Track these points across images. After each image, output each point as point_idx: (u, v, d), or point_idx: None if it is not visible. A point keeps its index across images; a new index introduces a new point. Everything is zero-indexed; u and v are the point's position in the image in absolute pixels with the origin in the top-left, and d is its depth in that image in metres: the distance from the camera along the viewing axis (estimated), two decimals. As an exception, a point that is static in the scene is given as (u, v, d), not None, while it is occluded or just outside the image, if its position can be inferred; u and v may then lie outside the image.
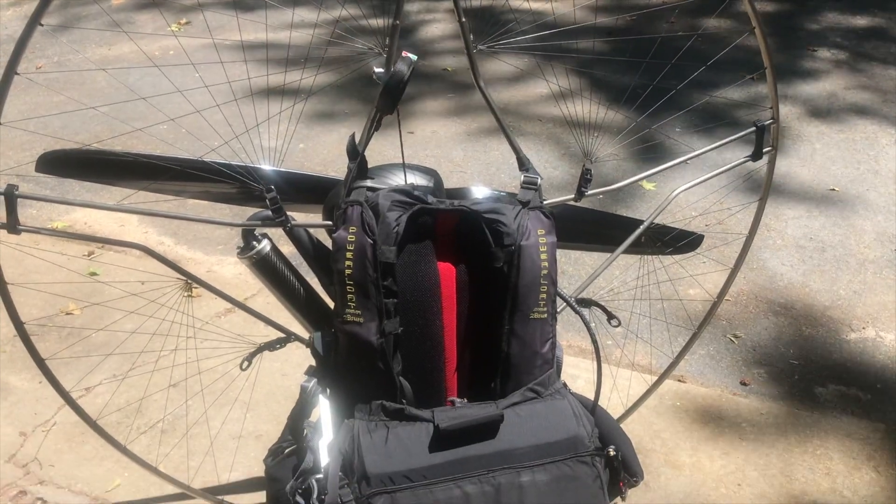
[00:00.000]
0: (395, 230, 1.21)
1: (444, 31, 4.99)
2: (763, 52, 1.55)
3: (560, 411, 1.26)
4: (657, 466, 2.12)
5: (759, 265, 2.92)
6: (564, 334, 2.54)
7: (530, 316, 1.27)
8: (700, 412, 2.30)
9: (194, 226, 3.18)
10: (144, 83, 4.26)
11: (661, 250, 1.76)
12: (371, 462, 1.16)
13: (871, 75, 4.37)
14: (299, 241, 1.42)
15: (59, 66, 4.64)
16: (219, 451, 2.15)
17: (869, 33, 4.85)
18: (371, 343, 1.24)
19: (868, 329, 2.62)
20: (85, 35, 5.02)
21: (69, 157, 1.53)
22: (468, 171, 3.52)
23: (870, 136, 3.76)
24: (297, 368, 2.42)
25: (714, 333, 2.61)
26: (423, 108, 4.05)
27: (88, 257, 2.96)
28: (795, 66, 4.47)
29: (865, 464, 2.13)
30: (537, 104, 4.08)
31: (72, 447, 2.18)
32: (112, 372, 2.41)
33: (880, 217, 3.18)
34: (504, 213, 1.26)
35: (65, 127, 3.87)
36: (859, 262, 2.94)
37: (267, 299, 2.60)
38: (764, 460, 2.14)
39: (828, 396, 2.37)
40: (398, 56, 1.24)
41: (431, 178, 1.43)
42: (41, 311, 2.65)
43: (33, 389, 2.37)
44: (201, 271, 2.92)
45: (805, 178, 3.45)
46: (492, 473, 1.18)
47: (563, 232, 1.33)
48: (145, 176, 1.54)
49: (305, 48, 1.82)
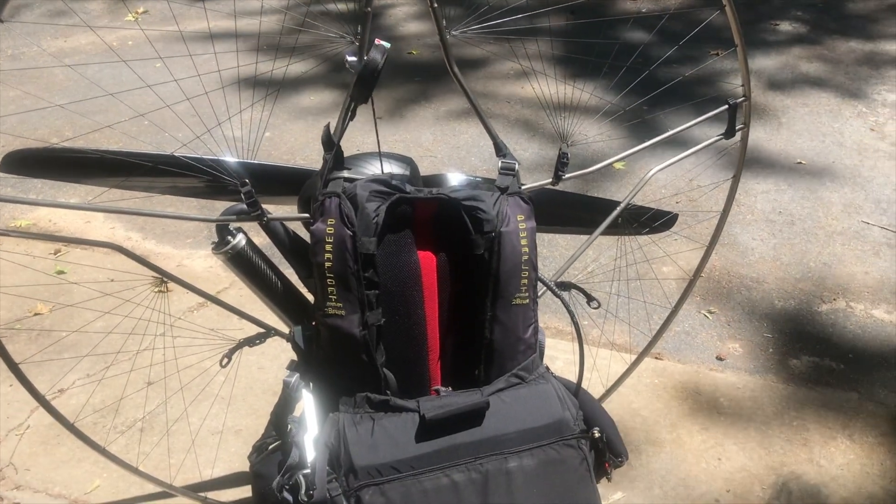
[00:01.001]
0: (374, 221, 1.20)
1: (406, 14, 4.95)
2: (734, 30, 1.56)
3: (544, 396, 1.26)
4: (638, 444, 2.14)
5: (730, 240, 2.95)
6: (542, 316, 2.54)
7: (512, 302, 1.27)
8: (678, 389, 2.32)
9: (162, 221, 3.13)
10: (104, 75, 4.18)
11: (637, 231, 1.76)
12: (358, 455, 1.15)
13: (832, 48, 4.42)
14: (275, 234, 1.40)
15: (13, 59, 4.53)
16: (199, 448, 2.13)
17: (828, 8, 4.90)
18: (354, 335, 1.22)
19: (839, 300, 2.67)
20: (39, 27, 4.90)
21: (35, 157, 1.49)
22: (438, 155, 3.50)
23: (833, 109, 3.81)
24: (273, 361, 2.40)
25: (689, 310, 2.64)
26: (389, 92, 4.02)
27: (55, 255, 2.90)
28: (759, 41, 4.51)
29: (840, 433, 2.17)
30: (504, 86, 4.07)
31: (47, 450, 2.15)
32: (85, 372, 2.36)
33: (846, 189, 3.23)
34: (483, 200, 1.25)
35: (22, 122, 3.78)
36: (828, 234, 2.98)
37: (240, 292, 2.58)
38: (742, 434, 2.17)
39: (802, 368, 2.41)
40: (371, 44, 1.22)
41: (408, 167, 1.42)
42: (9, 312, 2.60)
43: (4, 393, 2.32)
44: (171, 266, 2.88)
45: (772, 152, 3.48)
46: (479, 461, 1.18)
47: (542, 216, 1.32)
48: (113, 173, 1.51)
49: (274, 37, 1.78)
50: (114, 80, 4.09)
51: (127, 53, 4.41)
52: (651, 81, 3.57)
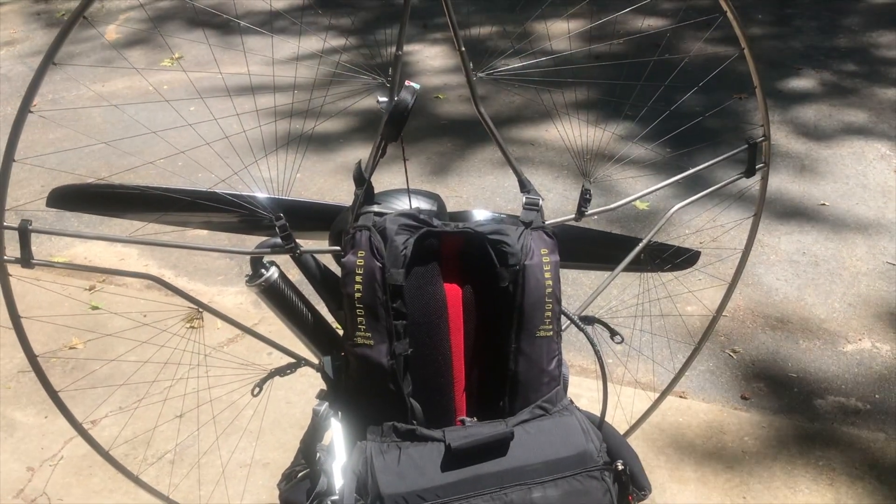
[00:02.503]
0: (402, 253, 1.24)
1: (433, 58, 5.06)
2: (752, 72, 1.60)
3: (568, 427, 1.28)
4: (663, 482, 2.14)
5: (754, 280, 2.96)
6: (566, 353, 2.54)
7: (536, 334, 1.30)
8: (703, 427, 2.32)
9: (194, 257, 3.21)
10: (140, 118, 4.29)
11: (659, 267, 1.79)
12: (385, 482, 1.18)
13: (854, 92, 4.44)
14: (307, 267, 1.45)
15: (53, 103, 4.68)
16: (228, 480, 2.16)
17: (851, 51, 4.94)
18: (382, 365, 1.26)
19: (864, 340, 2.66)
20: (78, 71, 5.07)
21: (80, 192, 1.56)
22: (463, 195, 3.56)
23: (856, 152, 3.83)
24: (300, 396, 2.44)
25: (713, 349, 2.64)
26: (416, 134, 4.10)
27: (90, 291, 2.97)
28: (782, 84, 4.55)
29: (868, 473, 2.16)
30: (529, 129, 4.14)
31: (80, 481, 2.19)
32: (118, 405, 2.42)
33: (871, 230, 3.23)
34: (508, 234, 1.29)
35: (62, 163, 3.90)
36: (852, 274, 2.98)
37: (269, 328, 2.62)
38: (767, 472, 2.16)
39: (827, 408, 2.40)
40: (401, 85, 1.28)
41: (435, 202, 1.46)
42: (44, 346, 2.66)
43: (39, 424, 2.38)
44: (203, 302, 2.93)
45: (795, 194, 3.50)
46: (504, 490, 1.20)
47: (564, 251, 1.36)
48: (152, 208, 1.57)
49: (309, 82, 1.86)
50: (149, 123, 4.21)
51: (165, 97, 4.54)
52: (676, 125, 3.61)
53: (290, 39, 4.46)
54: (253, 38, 4.65)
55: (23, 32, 5.78)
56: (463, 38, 1.34)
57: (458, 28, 1.33)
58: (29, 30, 5.81)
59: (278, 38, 3.93)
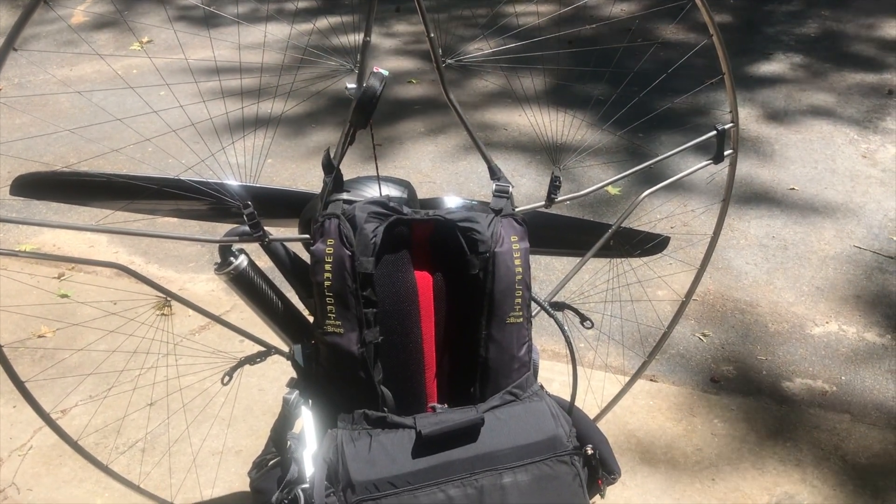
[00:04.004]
0: (372, 241, 1.24)
1: (407, 42, 5.03)
2: (721, 58, 1.61)
3: (538, 413, 1.29)
4: (633, 465, 2.16)
5: (724, 265, 2.99)
6: (538, 338, 2.58)
7: (507, 321, 1.31)
8: (673, 410, 2.35)
9: (164, 244, 3.18)
10: (109, 103, 4.24)
11: (629, 253, 1.80)
12: (356, 470, 1.18)
13: (824, 76, 4.49)
14: (276, 255, 1.44)
15: (20, 87, 4.60)
16: (200, 468, 2.15)
17: (821, 36, 4.99)
18: (352, 353, 1.26)
19: (831, 323, 2.70)
20: (45, 56, 4.98)
21: (44, 180, 1.54)
22: (437, 181, 3.55)
23: (825, 136, 3.87)
24: (273, 383, 2.43)
25: (683, 333, 2.67)
26: (389, 120, 4.08)
27: (58, 279, 2.94)
28: (752, 70, 4.59)
29: (833, 454, 2.20)
30: (501, 114, 4.13)
31: (49, 470, 2.17)
32: (88, 393, 2.39)
33: (839, 214, 3.27)
34: (478, 221, 1.30)
35: (28, 149, 3.84)
36: (820, 258, 3.02)
37: (241, 315, 2.61)
38: (736, 454, 2.20)
39: (795, 390, 2.43)
40: (370, 71, 1.27)
41: (405, 190, 1.46)
42: (12, 334, 2.63)
43: (7, 414, 2.35)
44: (174, 289, 2.91)
45: (765, 179, 3.54)
46: (474, 476, 1.21)
47: (535, 238, 1.37)
48: (119, 196, 1.55)
49: (276, 66, 1.84)
50: (118, 108, 4.16)
51: (132, 82, 4.48)
52: (647, 110, 3.63)
53: (258, 25, 4.41)
54: (222, 23, 4.59)
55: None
56: (432, 23, 1.34)
57: (426, 13, 1.32)
58: (-7, 12, 5.70)
59: (246, 22, 3.88)
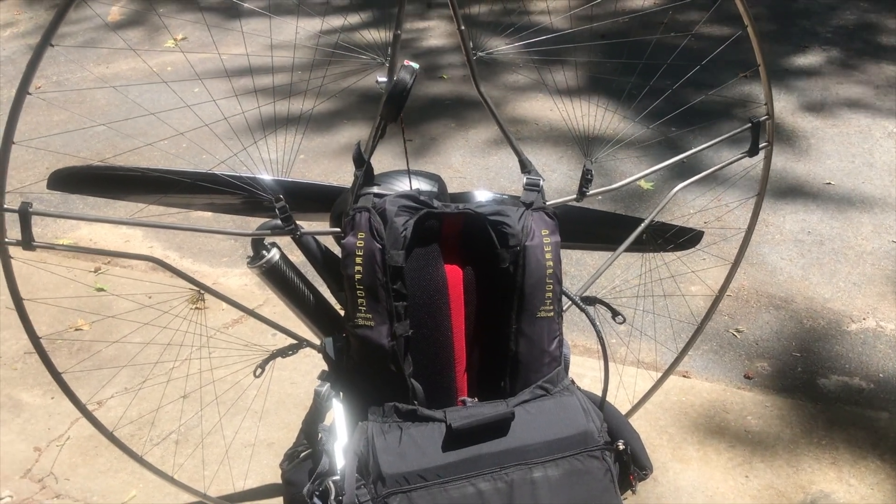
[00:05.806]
0: (402, 234, 1.24)
1: (438, 38, 5.03)
2: (756, 50, 1.59)
3: (569, 407, 1.29)
4: (665, 461, 2.15)
5: (758, 260, 2.95)
6: (569, 334, 2.57)
7: (537, 315, 1.30)
8: (706, 406, 2.32)
9: (198, 239, 3.21)
10: (144, 99, 4.29)
11: (662, 247, 1.79)
12: (386, 462, 1.19)
13: (862, 69, 4.40)
14: (308, 248, 1.45)
15: (58, 85, 4.67)
16: (232, 460, 2.18)
17: (859, 28, 4.89)
18: (382, 346, 1.26)
19: (868, 319, 2.65)
20: (82, 53, 5.06)
21: (81, 174, 1.56)
22: (468, 176, 3.55)
23: (863, 130, 3.80)
24: (305, 376, 2.45)
25: (716, 329, 2.64)
26: (420, 116, 4.09)
27: (95, 273, 2.98)
28: (788, 62, 4.51)
29: (870, 452, 2.16)
30: (533, 108, 4.12)
31: (86, 461, 2.21)
32: (123, 385, 2.43)
33: (877, 209, 3.21)
34: (508, 215, 1.29)
35: (66, 145, 3.90)
36: (857, 254, 2.97)
37: (274, 309, 2.63)
38: (770, 451, 2.17)
39: (831, 387, 2.40)
40: (400, 65, 1.27)
41: (435, 183, 1.46)
42: (50, 327, 2.68)
43: (45, 405, 2.40)
44: (207, 283, 2.94)
45: (801, 173, 3.48)
46: (504, 470, 1.20)
47: (566, 232, 1.36)
48: (153, 190, 1.57)
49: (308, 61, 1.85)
50: (153, 105, 4.20)
51: (166, 78, 4.53)
52: (680, 103, 3.59)
53: (291, 20, 4.44)
54: (255, 20, 4.63)
55: (26, 14, 5.76)
56: (463, 16, 1.33)
57: (457, 7, 1.32)
58: (32, 11, 5.80)
59: (278, 18, 3.90)
